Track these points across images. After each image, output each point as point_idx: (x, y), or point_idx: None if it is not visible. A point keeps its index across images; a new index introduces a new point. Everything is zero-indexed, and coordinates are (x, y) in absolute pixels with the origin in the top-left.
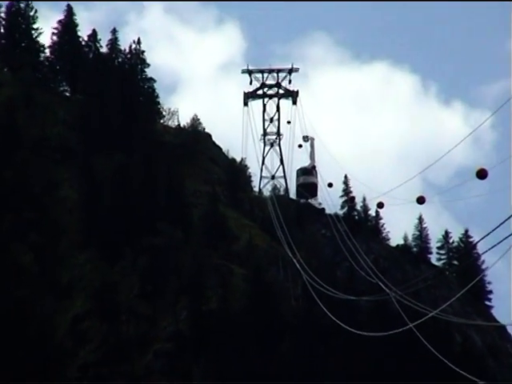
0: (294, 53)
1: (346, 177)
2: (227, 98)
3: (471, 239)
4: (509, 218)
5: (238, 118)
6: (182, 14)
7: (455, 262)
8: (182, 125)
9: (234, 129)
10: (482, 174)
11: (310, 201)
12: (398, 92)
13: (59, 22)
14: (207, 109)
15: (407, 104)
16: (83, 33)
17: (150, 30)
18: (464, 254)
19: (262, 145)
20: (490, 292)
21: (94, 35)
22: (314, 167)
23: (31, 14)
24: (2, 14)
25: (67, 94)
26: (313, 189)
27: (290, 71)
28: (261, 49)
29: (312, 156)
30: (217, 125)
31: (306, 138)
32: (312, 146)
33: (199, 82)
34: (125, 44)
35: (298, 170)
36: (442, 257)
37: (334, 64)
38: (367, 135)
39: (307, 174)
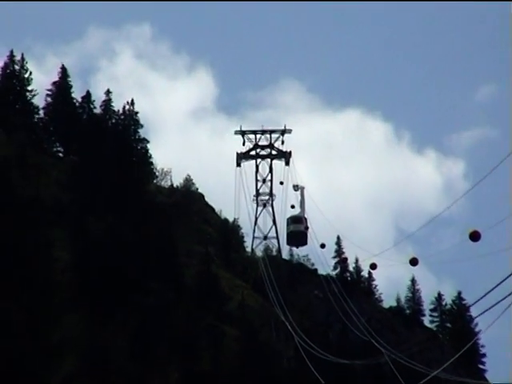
0: (266, 100)
1: (338, 238)
2: (199, 145)
3: (464, 301)
4: (502, 281)
5: (212, 166)
6: (154, 60)
7: (448, 325)
8: (174, 185)
9: (199, 166)
10: (475, 236)
11: (302, 261)
12: (371, 140)
13: (53, 83)
14: (180, 156)
15: (380, 152)
16: (77, 94)
17: (121, 77)
18: (457, 317)
19: (255, 205)
20: (484, 355)
21: (87, 97)
22: (304, 216)
23: (25, 76)
24: None
25: (61, 155)
26: (303, 237)
27: (283, 132)
28: (232, 96)
29: (302, 205)
30: (187, 167)
31: (296, 187)
32: (302, 195)
33: (171, 129)
34: (98, 94)
35: (288, 219)
36: (435, 319)
37: (305, 111)
38: (339, 183)
39: (297, 222)
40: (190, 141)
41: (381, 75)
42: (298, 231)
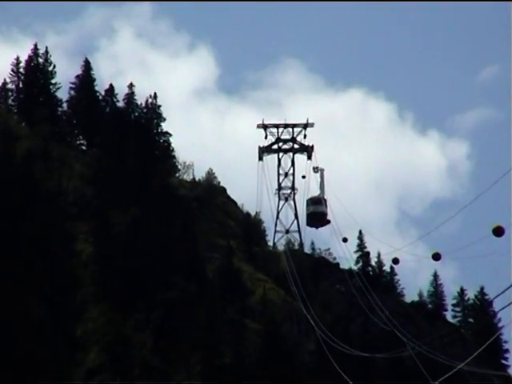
0: (267, 80)
1: (360, 232)
2: (201, 125)
3: (487, 296)
4: None
5: (213, 148)
6: (154, 38)
7: (471, 320)
8: (197, 178)
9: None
10: (498, 232)
11: (324, 255)
12: (374, 121)
13: (77, 76)
14: (183, 135)
15: (383, 133)
16: (100, 87)
17: (121, 55)
18: (480, 312)
19: (277, 199)
20: (507, 351)
21: (111, 90)
22: (324, 197)
23: (49, 69)
24: (21, 70)
25: (84, 148)
26: (322, 218)
27: (306, 126)
28: (234, 75)
29: (322, 186)
30: (192, 149)
31: (316, 169)
32: (322, 177)
33: (173, 109)
34: (100, 71)
35: (308, 200)
36: (458, 314)
37: (307, 91)
38: (342, 165)
39: (317, 203)
40: (193, 121)
41: (383, 54)
42: (317, 212)
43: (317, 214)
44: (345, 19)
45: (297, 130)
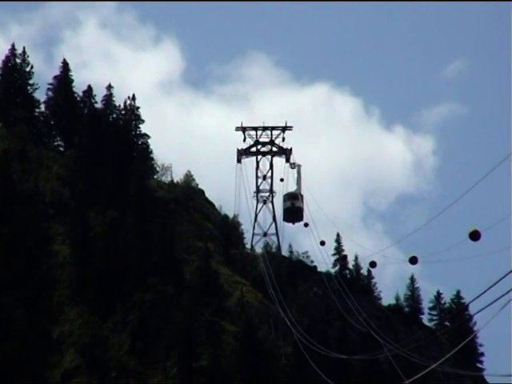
0: (233, 74)
1: (338, 235)
2: (167, 118)
3: (463, 300)
4: (501, 279)
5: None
6: (119, 30)
7: (447, 323)
8: (175, 181)
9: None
10: (475, 236)
11: (301, 258)
12: (339, 115)
13: (55, 77)
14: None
15: (349, 128)
16: (77, 89)
17: (85, 47)
18: (456, 316)
19: (255, 202)
20: (482, 354)
21: (89, 91)
22: (300, 193)
23: (27, 69)
24: None
25: (61, 149)
26: (299, 213)
27: (284, 129)
28: (199, 69)
29: (298, 182)
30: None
31: (292, 165)
32: (298, 173)
33: (138, 101)
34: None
35: (284, 195)
36: (434, 317)
37: (274, 86)
38: (307, 159)
39: (294, 198)
40: (158, 114)
41: (348, 49)
42: (294, 207)
43: (293, 209)
44: (310, 13)
45: (275, 132)
